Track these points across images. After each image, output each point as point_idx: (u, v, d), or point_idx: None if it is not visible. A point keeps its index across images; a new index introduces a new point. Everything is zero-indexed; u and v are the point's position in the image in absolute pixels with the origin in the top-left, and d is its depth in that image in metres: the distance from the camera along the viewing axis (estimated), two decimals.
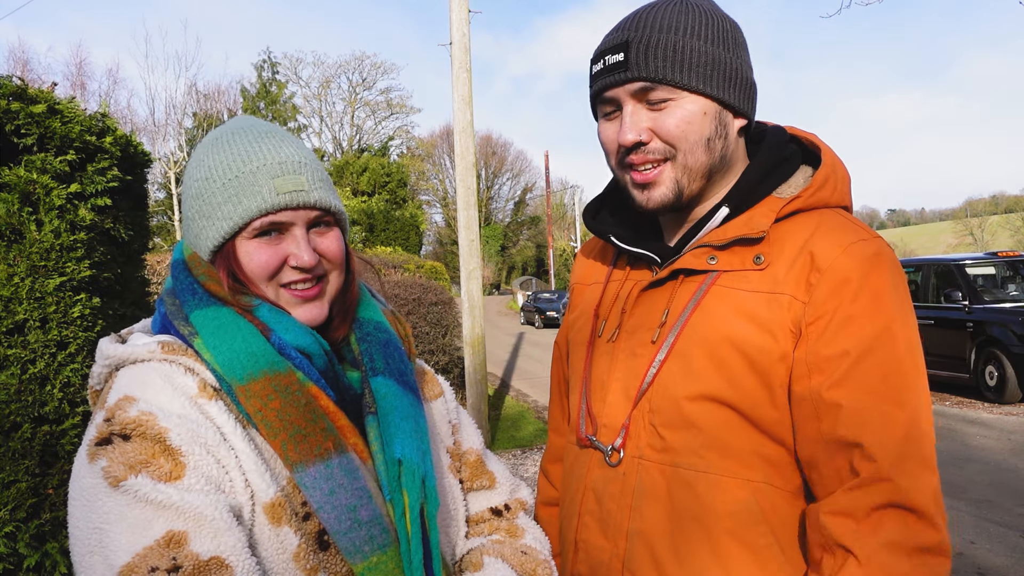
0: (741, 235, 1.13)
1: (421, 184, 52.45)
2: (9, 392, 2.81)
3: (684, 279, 1.18)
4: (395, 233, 29.45)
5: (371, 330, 1.13)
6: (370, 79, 49.24)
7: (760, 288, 1.11)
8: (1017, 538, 4.96)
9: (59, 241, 2.94)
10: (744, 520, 1.09)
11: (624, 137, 1.13)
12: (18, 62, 28.50)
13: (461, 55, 8.37)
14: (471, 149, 8.51)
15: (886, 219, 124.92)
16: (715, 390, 1.10)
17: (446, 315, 10.00)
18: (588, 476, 1.22)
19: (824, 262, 1.07)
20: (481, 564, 1.11)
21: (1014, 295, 10.75)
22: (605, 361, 1.25)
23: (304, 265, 1.01)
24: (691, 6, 1.15)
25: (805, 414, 1.06)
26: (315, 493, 0.92)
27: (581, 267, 1.46)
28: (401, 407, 1.06)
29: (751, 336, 1.08)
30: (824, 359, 1.04)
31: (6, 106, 2.93)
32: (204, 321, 0.98)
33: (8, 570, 2.81)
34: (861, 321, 1.04)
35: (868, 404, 1.01)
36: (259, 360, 0.95)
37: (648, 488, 1.14)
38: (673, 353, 1.14)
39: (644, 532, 1.14)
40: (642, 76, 1.11)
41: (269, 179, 1.01)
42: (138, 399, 0.91)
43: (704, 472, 1.10)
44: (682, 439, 1.12)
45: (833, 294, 1.05)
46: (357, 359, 1.11)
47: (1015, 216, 63.25)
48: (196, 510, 0.84)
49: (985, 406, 9.81)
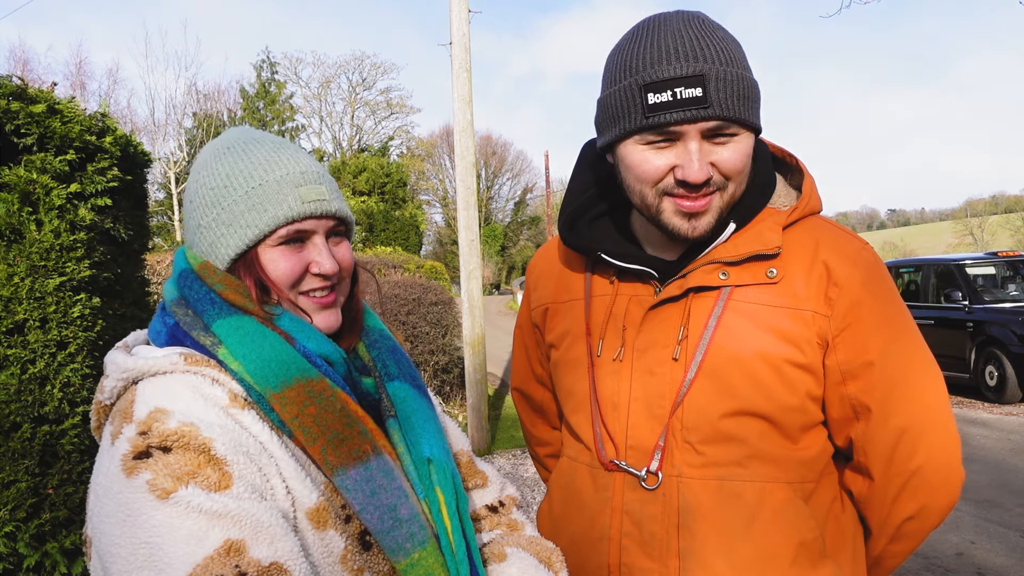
0: (756, 252, 1.18)
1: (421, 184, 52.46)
2: (9, 392, 2.81)
3: (695, 295, 1.19)
4: (395, 233, 29.44)
5: (377, 337, 1.16)
6: (370, 79, 49.25)
7: (780, 303, 1.17)
8: (1017, 538, 4.96)
9: (59, 241, 2.94)
10: (794, 519, 1.17)
11: (695, 175, 1.10)
12: (18, 62, 28.51)
13: (461, 55, 8.37)
14: (471, 149, 8.50)
15: (886, 219, 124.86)
16: (753, 405, 1.15)
17: (446, 315, 10.00)
18: (617, 499, 1.21)
19: (841, 277, 1.17)
20: (504, 555, 1.13)
21: (1014, 295, 10.74)
22: (612, 381, 1.23)
23: (326, 272, 1.03)
24: (727, 31, 1.15)
25: (844, 415, 1.20)
26: (357, 495, 0.94)
27: (548, 284, 1.41)
28: (420, 410, 1.09)
29: (780, 351, 1.16)
30: (857, 366, 1.16)
31: (6, 106, 2.93)
32: (229, 331, 0.98)
33: (8, 570, 2.81)
34: (880, 326, 1.17)
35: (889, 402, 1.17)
36: (291, 367, 0.96)
37: (693, 505, 1.16)
38: (703, 371, 1.16)
39: (695, 549, 1.15)
40: (720, 115, 1.08)
41: (294, 188, 1.03)
42: (173, 411, 0.91)
43: (750, 481, 1.16)
44: (723, 452, 1.16)
45: (853, 306, 1.17)
46: (368, 366, 1.13)
47: (1015, 216, 63.23)
48: (252, 517, 0.85)
49: (985, 406, 9.81)
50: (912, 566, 4.55)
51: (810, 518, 1.18)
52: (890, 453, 1.18)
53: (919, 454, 1.18)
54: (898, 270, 12.69)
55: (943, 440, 1.18)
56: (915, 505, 1.20)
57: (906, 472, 1.18)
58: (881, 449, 1.19)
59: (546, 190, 44.17)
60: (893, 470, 1.19)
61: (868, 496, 1.23)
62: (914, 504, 1.20)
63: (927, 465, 1.18)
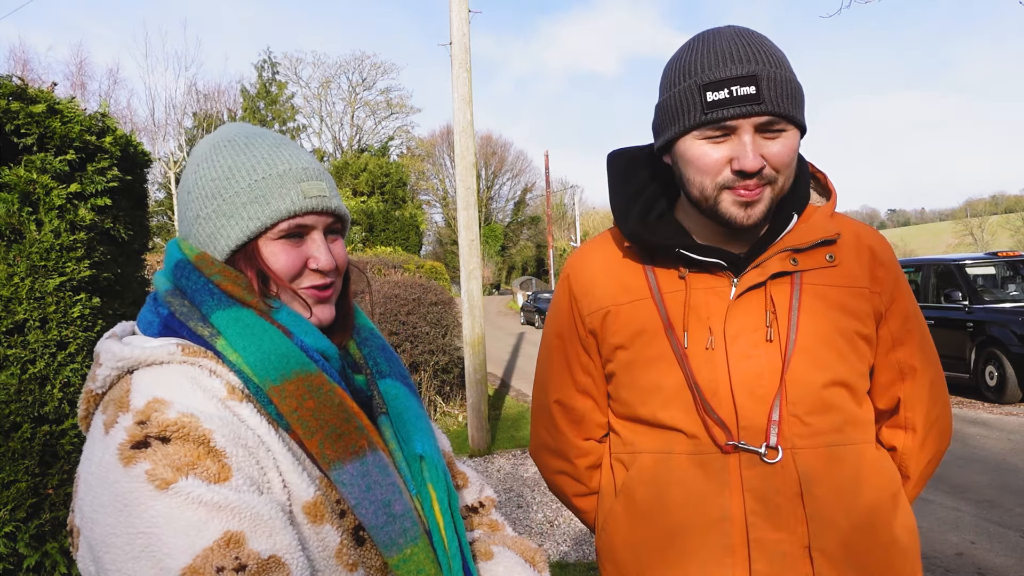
0: (822, 238, 1.32)
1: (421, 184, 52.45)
2: (9, 392, 2.81)
3: (772, 281, 1.32)
4: (395, 233, 29.43)
5: (367, 335, 1.18)
6: (370, 79, 49.24)
7: (842, 283, 1.33)
8: (1017, 538, 4.96)
9: (59, 241, 2.94)
10: (886, 473, 1.36)
11: (751, 164, 1.21)
12: (18, 62, 28.50)
13: (461, 55, 8.37)
14: (471, 149, 8.50)
15: (886, 219, 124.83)
16: (840, 375, 1.30)
17: (446, 315, 10.00)
18: (735, 479, 1.28)
19: (884, 259, 1.38)
20: (491, 553, 1.15)
21: (1014, 295, 10.74)
22: (708, 369, 1.30)
23: (324, 267, 1.04)
24: (773, 42, 1.28)
25: (891, 379, 1.38)
26: (352, 490, 0.95)
27: (602, 288, 1.43)
28: (411, 407, 1.11)
29: (850, 324, 1.32)
30: (903, 333, 1.38)
31: (6, 106, 2.93)
32: (228, 322, 0.98)
33: (8, 570, 2.81)
34: (910, 298, 1.41)
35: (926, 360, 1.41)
36: (290, 361, 0.97)
37: (812, 473, 1.27)
38: (798, 349, 1.28)
39: (820, 512, 1.26)
40: (772, 111, 1.20)
41: (296, 183, 1.04)
42: (172, 401, 0.90)
43: (849, 444, 1.30)
44: (825, 421, 1.28)
45: (895, 283, 1.38)
46: (358, 363, 1.14)
47: (1015, 216, 63.19)
48: (252, 510, 0.85)
49: (985, 406, 9.81)
50: None
51: (894, 470, 1.38)
52: (928, 406, 1.39)
53: (939, 403, 1.41)
54: None
55: (947, 390, 1.45)
56: (934, 449, 1.42)
57: (932, 420, 1.40)
58: (922, 404, 1.39)
59: (546, 190, 44.13)
60: (928, 420, 1.39)
61: (911, 447, 1.40)
62: (933, 448, 1.42)
63: (944, 413, 1.43)
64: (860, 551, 1.28)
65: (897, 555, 1.33)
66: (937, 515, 5.46)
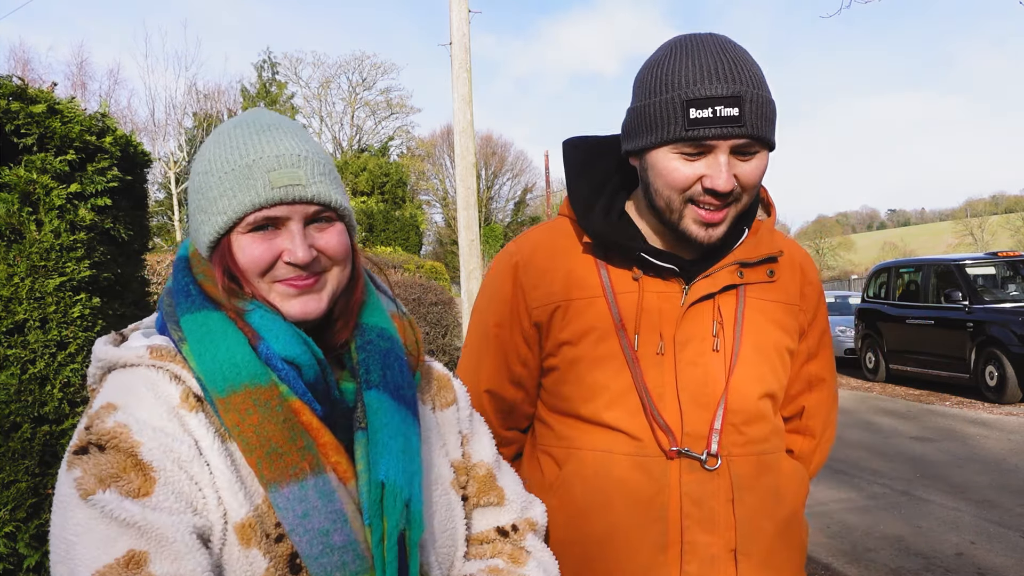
0: (769, 254, 1.36)
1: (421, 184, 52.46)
2: (9, 392, 2.81)
3: (720, 293, 1.34)
4: (395, 233, 29.42)
5: (373, 337, 1.08)
6: (370, 79, 49.24)
7: (778, 299, 1.39)
8: (1017, 538, 4.96)
9: (59, 241, 2.94)
10: (800, 478, 1.43)
11: (723, 185, 1.22)
12: (19, 62, 28.49)
13: (461, 55, 8.37)
14: (471, 149, 8.50)
15: (886, 219, 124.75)
16: (770, 387, 1.36)
17: (446, 315, 10.00)
18: (675, 483, 1.29)
19: (811, 276, 1.46)
20: None
21: (1014, 295, 10.74)
22: (656, 374, 1.31)
23: (297, 261, 0.97)
24: (751, 55, 1.28)
25: (800, 389, 1.47)
26: (288, 515, 0.89)
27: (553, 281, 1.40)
28: (391, 424, 1.01)
29: (782, 340, 1.38)
30: (818, 347, 1.48)
31: (6, 106, 2.93)
32: (192, 326, 0.95)
33: (8, 570, 2.81)
34: (826, 314, 1.51)
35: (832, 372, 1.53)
36: (241, 372, 0.92)
37: (743, 480, 1.31)
38: (740, 360, 1.32)
39: (749, 518, 1.31)
40: (751, 134, 1.21)
41: (264, 173, 0.97)
42: (119, 407, 0.90)
43: (774, 452, 1.38)
44: (757, 431, 1.34)
45: (818, 301, 1.47)
46: (355, 369, 1.06)
47: (1015, 216, 63.18)
48: (159, 531, 0.83)
49: (985, 406, 9.80)
50: (912, 566, 4.55)
51: (806, 477, 1.46)
52: (827, 414, 1.50)
53: (834, 410, 1.53)
54: (898, 270, 12.68)
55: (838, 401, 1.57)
56: (824, 452, 1.53)
57: (827, 426, 1.51)
58: (823, 412, 1.49)
59: (546, 190, 44.16)
60: (824, 427, 1.50)
61: (807, 452, 1.50)
62: (824, 452, 1.53)
63: (835, 419, 1.55)
64: (779, 554, 1.35)
65: (802, 554, 1.43)
66: (937, 515, 5.46)
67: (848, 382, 12.98)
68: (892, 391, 11.71)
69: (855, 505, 5.83)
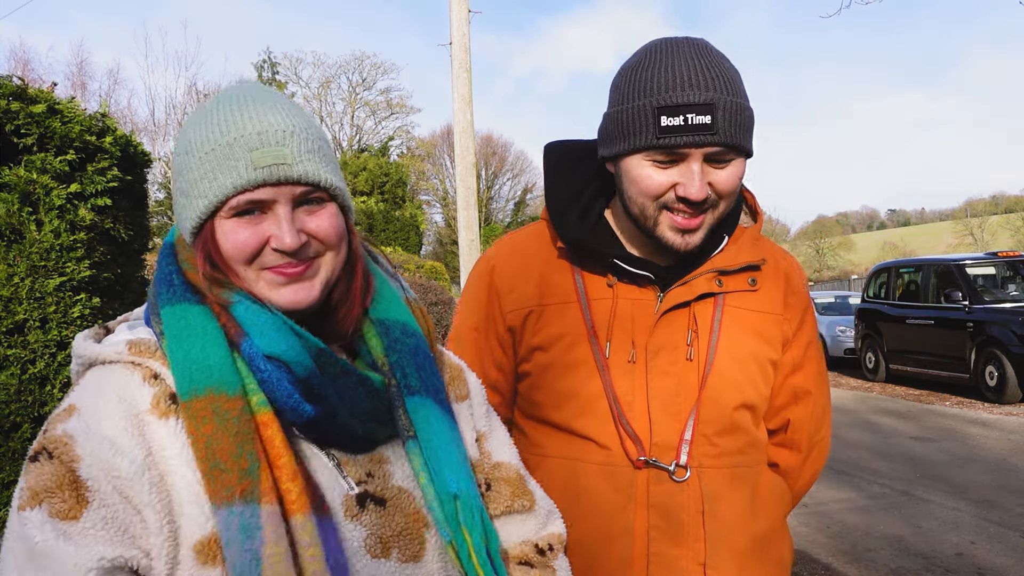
0: (749, 262, 1.33)
1: (421, 184, 52.46)
2: (9, 392, 2.81)
3: (697, 301, 1.31)
4: (395, 233, 29.43)
5: (399, 335, 1.01)
6: (370, 79, 49.23)
7: (760, 308, 1.35)
8: (1017, 538, 4.96)
9: (59, 241, 2.94)
10: (780, 493, 1.39)
11: (696, 194, 1.20)
12: (19, 62, 28.49)
13: (461, 55, 8.37)
14: (471, 149, 8.51)
15: (886, 219, 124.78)
16: (748, 398, 1.32)
17: (446, 315, 10.00)
18: (642, 494, 1.26)
19: (796, 285, 1.42)
20: None
21: (1014, 295, 10.74)
22: (627, 382, 1.29)
23: (285, 247, 0.89)
24: (729, 61, 1.25)
25: (785, 401, 1.41)
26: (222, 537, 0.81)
27: (527, 285, 1.38)
28: (442, 432, 0.97)
29: (762, 350, 1.34)
30: (803, 359, 1.41)
31: (6, 106, 2.93)
32: (171, 320, 0.89)
33: None
34: (813, 325, 1.45)
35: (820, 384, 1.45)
36: (211, 374, 0.85)
37: (716, 492, 1.28)
38: (715, 370, 1.29)
39: (720, 531, 1.27)
40: (724, 142, 1.19)
41: (246, 152, 0.89)
42: (77, 412, 0.84)
43: (751, 466, 1.33)
44: (732, 442, 1.30)
45: (804, 310, 1.42)
46: (380, 366, 0.99)
47: (1015, 216, 63.17)
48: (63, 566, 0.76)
49: (985, 406, 9.81)
50: (912, 566, 4.56)
51: (786, 492, 1.42)
52: (815, 428, 1.44)
53: (824, 425, 1.46)
54: (898, 270, 12.68)
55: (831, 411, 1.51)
56: (814, 468, 1.48)
57: (816, 441, 1.45)
58: (810, 425, 1.43)
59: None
60: (812, 441, 1.44)
61: (794, 466, 1.44)
62: (814, 467, 1.47)
63: (827, 434, 1.48)
64: (752, 570, 1.30)
65: (783, 572, 1.37)
66: (937, 515, 5.46)
67: (848, 382, 12.98)
68: (892, 391, 11.72)
69: (855, 505, 5.83)
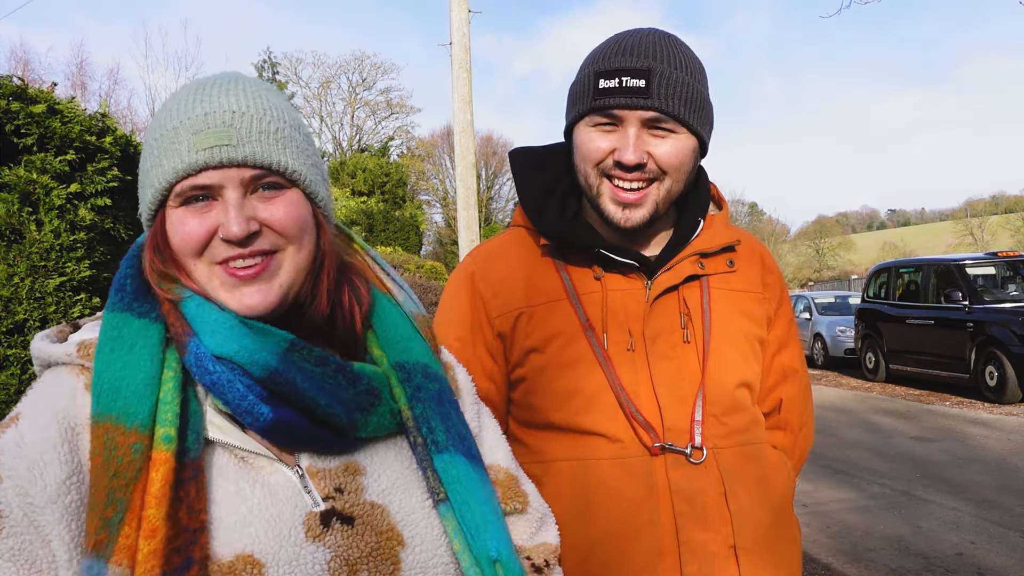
0: (727, 243, 1.36)
1: (421, 184, 52.44)
2: (9, 392, 2.81)
3: (684, 284, 1.33)
4: (395, 233, 29.40)
5: (421, 380, 0.95)
6: (370, 79, 49.22)
7: (741, 288, 1.38)
8: (1017, 538, 4.96)
9: (59, 241, 2.94)
10: (786, 469, 1.40)
11: (628, 157, 1.22)
12: (19, 62, 28.49)
13: (461, 55, 8.37)
14: (471, 149, 8.51)
15: (886, 219, 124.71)
16: (745, 376, 1.34)
17: None
18: (663, 481, 1.24)
19: (770, 264, 1.46)
20: None
21: (1014, 295, 10.74)
22: (629, 371, 1.28)
23: (231, 236, 0.82)
24: (693, 52, 1.29)
25: (775, 381, 1.44)
26: None
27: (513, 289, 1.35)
28: (476, 491, 0.92)
29: (751, 328, 1.37)
30: (787, 337, 1.45)
31: (6, 106, 2.93)
32: (107, 328, 0.83)
33: None
34: (790, 304, 1.50)
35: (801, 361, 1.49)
36: (115, 399, 0.78)
37: (733, 471, 1.28)
38: (712, 350, 1.30)
39: (743, 511, 1.27)
40: (659, 108, 1.21)
41: (190, 135, 0.82)
42: (18, 420, 0.80)
43: (757, 443, 1.34)
44: (738, 421, 1.31)
45: (781, 289, 1.46)
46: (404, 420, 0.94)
47: (1015, 216, 63.14)
48: None
49: (985, 406, 9.81)
50: (912, 566, 4.56)
51: (789, 467, 1.43)
52: (803, 406, 1.47)
53: (809, 405, 1.50)
54: (898, 270, 12.68)
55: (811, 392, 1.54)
56: (803, 448, 1.49)
57: (804, 421, 1.48)
58: (799, 404, 1.46)
59: None
60: (800, 420, 1.47)
61: (787, 447, 1.45)
62: (803, 447, 1.49)
63: (812, 415, 1.51)
64: (775, 547, 1.31)
65: (798, 549, 1.40)
66: (937, 515, 5.46)
67: (848, 382, 12.98)
68: (892, 391, 11.71)
69: (855, 505, 5.83)
